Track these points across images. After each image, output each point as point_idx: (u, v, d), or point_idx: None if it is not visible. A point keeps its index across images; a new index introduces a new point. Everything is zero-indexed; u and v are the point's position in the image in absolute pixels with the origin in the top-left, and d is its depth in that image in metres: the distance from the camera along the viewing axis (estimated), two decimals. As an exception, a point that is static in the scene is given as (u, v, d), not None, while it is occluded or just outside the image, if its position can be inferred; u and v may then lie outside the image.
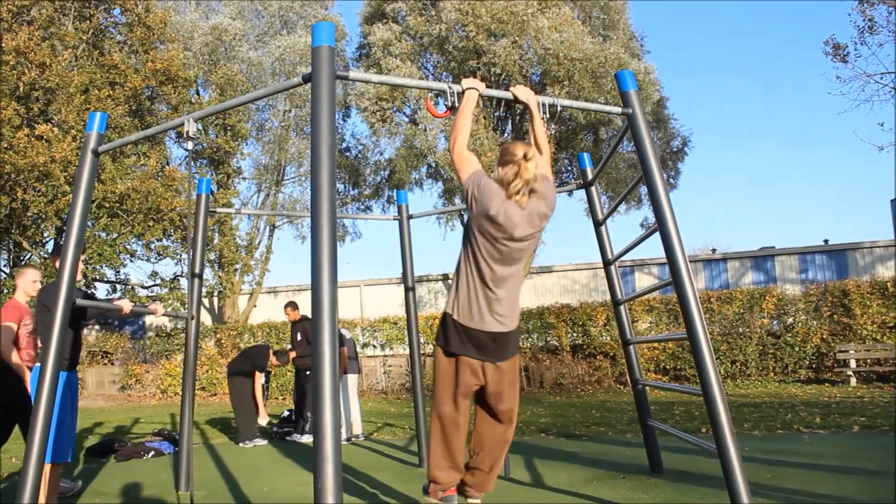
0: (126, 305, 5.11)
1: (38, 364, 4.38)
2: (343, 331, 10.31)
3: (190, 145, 3.78)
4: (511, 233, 3.64)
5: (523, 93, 4.08)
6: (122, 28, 20.30)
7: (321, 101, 3.24)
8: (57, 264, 4.56)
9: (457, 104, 3.69)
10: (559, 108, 4.11)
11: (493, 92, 4.21)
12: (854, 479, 5.58)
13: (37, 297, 5.16)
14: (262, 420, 10.25)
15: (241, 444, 9.61)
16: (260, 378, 10.21)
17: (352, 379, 10.22)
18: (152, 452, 8.61)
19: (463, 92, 3.89)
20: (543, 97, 4.12)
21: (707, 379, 3.91)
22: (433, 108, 3.86)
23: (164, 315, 5.58)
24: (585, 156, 5.98)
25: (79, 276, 4.60)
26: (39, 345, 4.95)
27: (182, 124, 3.84)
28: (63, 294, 4.13)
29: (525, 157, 3.61)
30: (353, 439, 9.78)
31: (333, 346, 3.13)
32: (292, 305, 10.81)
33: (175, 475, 6.73)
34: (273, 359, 10.36)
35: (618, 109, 4.30)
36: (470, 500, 4.09)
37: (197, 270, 5.91)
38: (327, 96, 3.25)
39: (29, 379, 5.30)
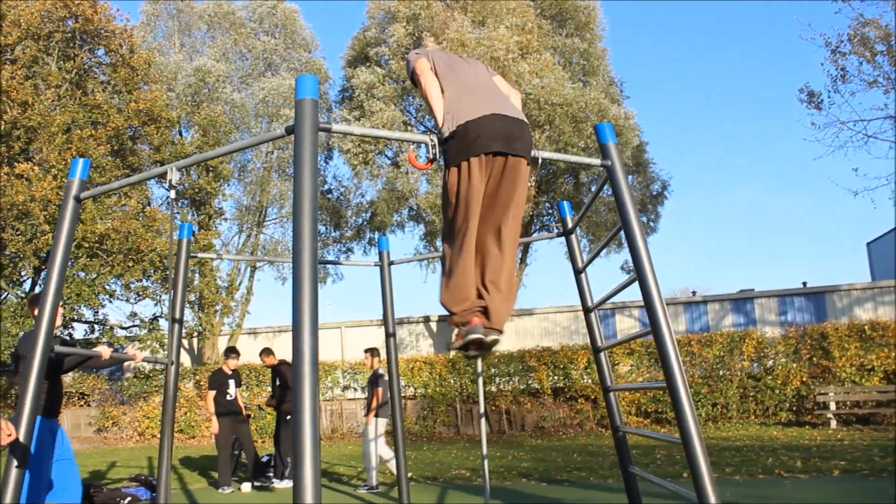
0: (105, 352, 5.07)
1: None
2: (381, 371, 9.94)
3: (173, 194, 3.80)
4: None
5: None
6: (105, 68, 20.36)
7: (304, 153, 3.27)
8: (35, 312, 4.53)
9: (438, 156, 3.73)
10: (540, 160, 4.16)
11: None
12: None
13: (16, 347, 5.11)
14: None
15: (219, 490, 9.50)
16: (210, 395, 10.13)
17: (382, 423, 9.81)
18: (129, 499, 8.48)
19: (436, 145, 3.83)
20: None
21: (686, 427, 3.93)
22: (415, 160, 3.90)
23: (143, 360, 5.55)
24: (565, 204, 6.04)
25: (58, 322, 4.57)
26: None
27: (165, 173, 3.86)
28: (41, 343, 4.10)
29: None
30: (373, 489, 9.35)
31: (314, 395, 3.13)
32: (266, 352, 10.77)
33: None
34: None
35: (597, 161, 4.36)
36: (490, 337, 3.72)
37: (177, 316, 5.89)
38: (310, 148, 3.28)
39: None
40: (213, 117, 21.77)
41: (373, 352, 10.23)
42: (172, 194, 3.77)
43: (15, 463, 3.95)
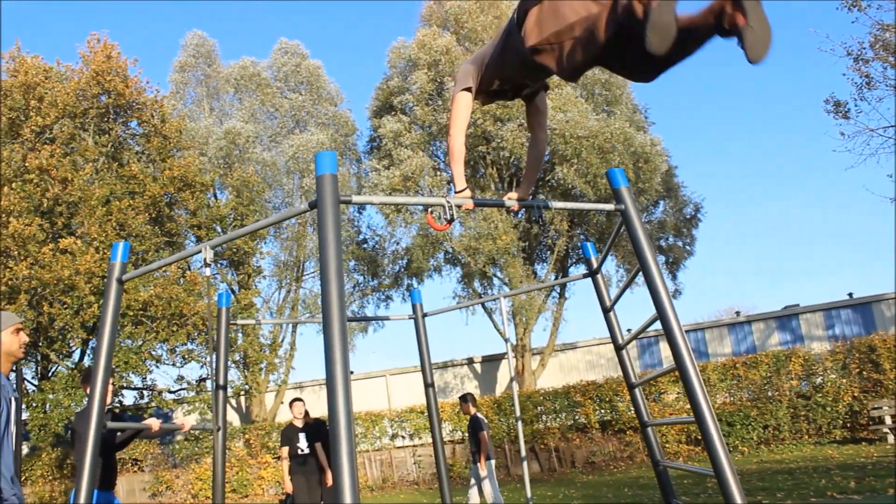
0: (154, 424, 5.28)
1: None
2: (479, 415, 10.01)
3: (208, 271, 4.00)
4: None
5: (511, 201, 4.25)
6: (139, 139, 20.99)
7: (327, 226, 3.46)
8: (87, 390, 4.75)
9: (455, 217, 3.89)
10: (553, 208, 4.30)
11: (487, 201, 4.41)
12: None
13: (71, 422, 5.34)
14: None
15: None
16: (283, 452, 9.62)
17: (492, 466, 9.81)
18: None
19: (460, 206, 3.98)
20: (538, 200, 4.33)
21: (718, 461, 4.00)
22: (434, 221, 4.08)
23: (191, 429, 5.74)
24: (589, 245, 6.16)
25: (108, 399, 4.79)
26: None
27: (200, 251, 4.07)
28: (94, 420, 4.31)
29: None
30: None
31: (351, 454, 3.27)
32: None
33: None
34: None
35: (611, 206, 4.50)
36: None
37: (221, 382, 6.09)
38: (333, 222, 3.47)
39: None
40: (245, 178, 22.26)
41: (467, 398, 10.21)
42: (207, 272, 3.97)
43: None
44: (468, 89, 3.99)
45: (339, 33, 52.27)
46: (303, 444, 9.42)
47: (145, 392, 20.10)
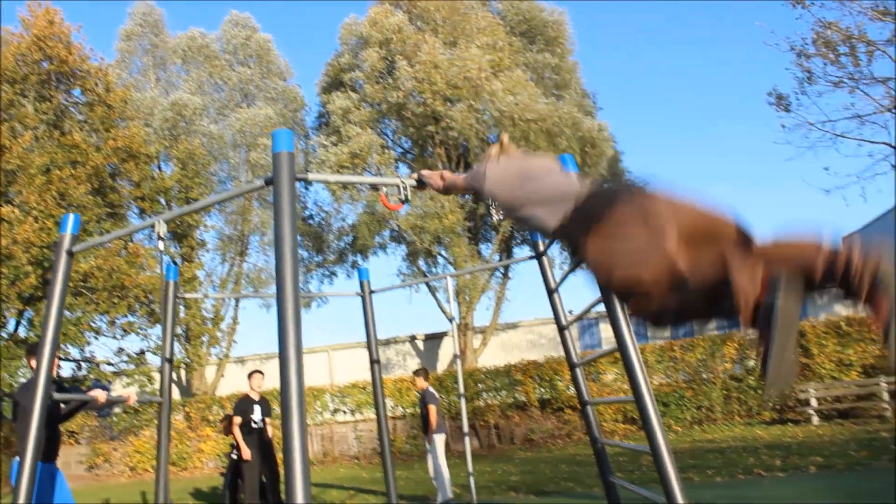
0: (101, 396, 5.28)
1: (17, 458, 4.55)
2: (431, 389, 10.04)
3: (161, 245, 4.04)
4: None
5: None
6: (82, 108, 20.49)
7: (283, 203, 3.52)
8: (33, 363, 4.74)
9: (409, 198, 3.98)
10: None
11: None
12: (806, 522, 5.87)
13: (14, 395, 5.30)
14: None
15: None
16: (236, 421, 9.39)
17: (440, 439, 9.77)
18: (127, 534, 8.63)
19: (417, 183, 4.05)
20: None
21: (654, 438, 4.20)
22: (387, 201, 4.17)
23: (137, 401, 5.76)
24: (535, 227, 6.32)
25: (53, 371, 4.78)
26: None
27: (153, 225, 4.09)
28: (41, 391, 4.32)
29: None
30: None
31: (303, 428, 3.36)
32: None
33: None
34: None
35: (558, 191, 4.64)
36: None
37: (167, 355, 6.10)
38: (288, 199, 3.54)
39: None
40: (191, 150, 21.97)
41: (419, 373, 10.27)
42: (161, 246, 4.01)
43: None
44: None
45: (291, 8, 51.56)
46: (257, 416, 9.37)
47: (83, 364, 19.80)
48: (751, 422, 16.20)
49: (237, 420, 9.28)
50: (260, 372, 9.82)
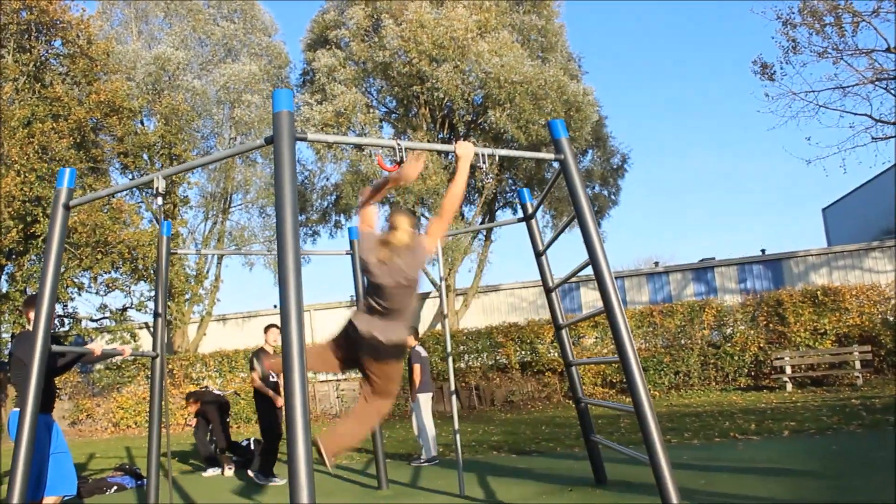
0: (97, 349, 5.35)
1: (17, 409, 4.62)
2: (419, 349, 10.05)
3: (160, 201, 4.08)
4: (378, 282, 4.26)
5: (462, 149, 4.44)
6: (63, 60, 20.21)
7: (283, 162, 3.58)
8: (31, 315, 4.79)
9: (404, 159, 4.05)
10: (496, 158, 4.49)
11: (436, 146, 4.60)
12: (780, 481, 6.06)
13: (12, 349, 5.35)
14: None
15: (267, 481, 8.96)
16: (255, 375, 9.11)
17: (425, 399, 9.83)
18: (115, 488, 8.75)
19: (404, 154, 4.24)
20: (482, 149, 4.51)
21: (638, 398, 4.33)
22: (384, 163, 4.23)
23: (130, 355, 5.83)
24: (525, 191, 6.39)
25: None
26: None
27: (151, 181, 4.13)
28: (40, 344, 4.38)
29: (395, 228, 4.29)
30: (430, 462, 9.40)
31: (303, 382, 3.45)
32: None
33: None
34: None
35: (551, 156, 4.71)
36: None
37: (160, 310, 6.16)
38: (288, 157, 3.59)
39: None
40: (174, 106, 21.76)
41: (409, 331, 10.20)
42: (160, 201, 4.05)
43: (21, 459, 4.24)
44: None
45: (273, -40, 50.78)
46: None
47: (66, 320, 19.79)
48: (726, 388, 16.51)
49: (255, 375, 9.12)
50: (276, 326, 9.12)
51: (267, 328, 9.53)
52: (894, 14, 17.98)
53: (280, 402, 9.03)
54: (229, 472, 9.99)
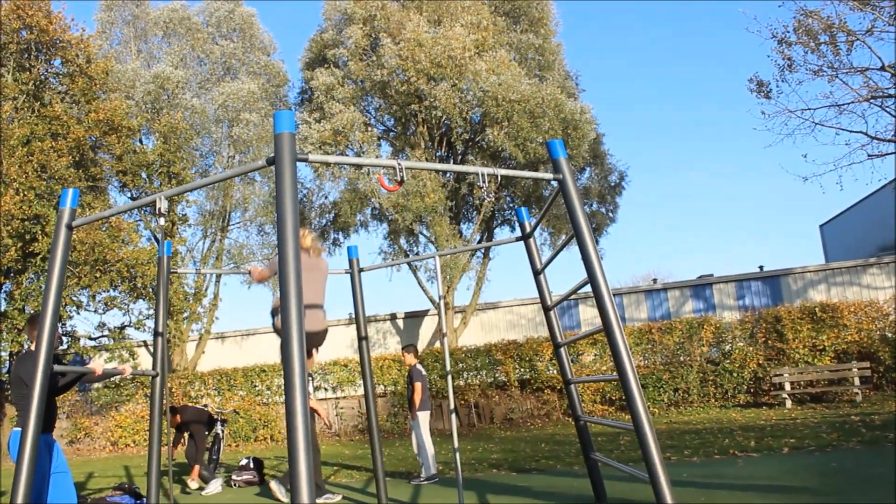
0: (98, 368, 5.36)
1: (17, 428, 4.63)
2: (419, 366, 10.10)
3: (162, 221, 4.11)
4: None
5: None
6: (63, 79, 20.31)
7: (285, 183, 3.61)
8: (34, 333, 4.80)
9: (405, 178, 4.09)
10: (499, 177, 4.53)
11: (435, 166, 4.63)
12: (779, 497, 6.07)
13: (14, 369, 5.35)
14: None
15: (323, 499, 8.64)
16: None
17: (424, 416, 9.81)
18: (114, 506, 8.73)
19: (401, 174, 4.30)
20: (485, 168, 4.54)
21: (637, 415, 4.34)
22: (385, 182, 4.27)
23: (131, 374, 5.84)
24: (524, 210, 6.44)
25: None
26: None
27: (154, 202, 4.16)
28: (42, 363, 4.39)
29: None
30: (430, 480, 9.37)
31: (304, 398, 3.47)
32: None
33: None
34: None
35: (550, 176, 4.75)
36: None
37: (160, 329, 6.18)
38: (290, 178, 3.62)
39: None
40: (173, 124, 21.84)
41: (408, 349, 10.27)
42: (162, 221, 4.08)
43: (23, 478, 4.24)
44: None
45: (272, -20, 51.12)
46: (309, 388, 9.00)
47: (64, 338, 19.76)
48: (726, 405, 16.50)
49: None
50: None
51: None
52: (890, 33, 18.11)
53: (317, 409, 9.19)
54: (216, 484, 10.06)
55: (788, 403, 15.42)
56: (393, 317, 25.46)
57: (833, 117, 20.04)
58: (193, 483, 10.48)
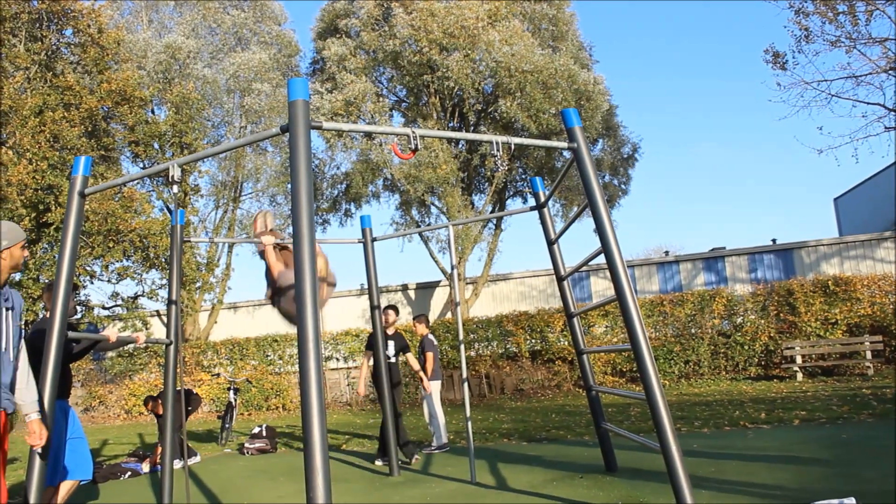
0: (112, 335, 5.41)
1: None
2: (430, 336, 10.04)
3: (175, 189, 4.11)
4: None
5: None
6: (75, 49, 20.24)
7: (299, 151, 3.60)
8: (48, 301, 4.84)
9: (419, 147, 4.07)
10: (512, 147, 4.51)
11: (448, 134, 4.60)
12: (789, 469, 6.08)
13: (29, 336, 5.39)
14: None
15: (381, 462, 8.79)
16: (366, 355, 9.34)
17: (435, 386, 9.80)
18: (129, 473, 8.83)
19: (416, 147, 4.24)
20: (499, 137, 4.52)
21: (650, 386, 4.35)
22: (398, 151, 4.25)
23: (145, 342, 5.88)
24: (538, 180, 6.41)
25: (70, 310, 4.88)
26: None
27: (167, 169, 4.16)
28: (57, 331, 4.43)
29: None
30: (442, 449, 9.45)
31: (318, 369, 3.48)
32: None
33: (158, 494, 6.99)
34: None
35: (564, 144, 4.72)
36: None
37: (174, 297, 6.21)
38: (304, 146, 3.62)
39: None
40: (185, 94, 21.78)
41: (420, 318, 10.17)
42: (175, 189, 4.08)
43: (39, 450, 4.29)
44: None
45: (283, -52, 50.70)
46: (391, 351, 9.18)
47: (78, 308, 19.88)
48: (736, 377, 16.51)
49: (368, 355, 9.03)
50: (393, 308, 9.49)
51: (384, 310, 9.21)
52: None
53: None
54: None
55: (799, 376, 15.42)
56: (405, 287, 25.52)
57: (850, 89, 19.84)
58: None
